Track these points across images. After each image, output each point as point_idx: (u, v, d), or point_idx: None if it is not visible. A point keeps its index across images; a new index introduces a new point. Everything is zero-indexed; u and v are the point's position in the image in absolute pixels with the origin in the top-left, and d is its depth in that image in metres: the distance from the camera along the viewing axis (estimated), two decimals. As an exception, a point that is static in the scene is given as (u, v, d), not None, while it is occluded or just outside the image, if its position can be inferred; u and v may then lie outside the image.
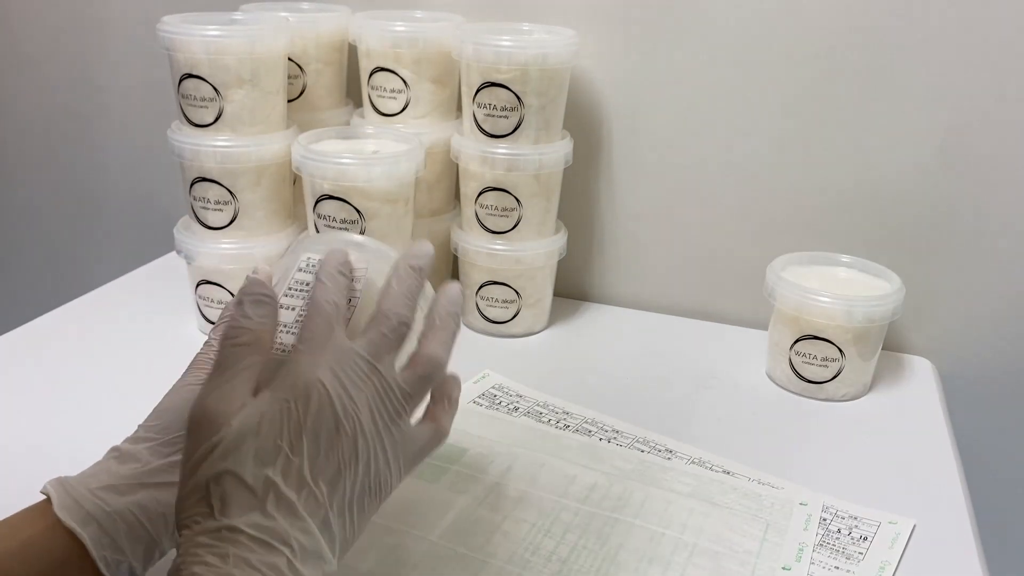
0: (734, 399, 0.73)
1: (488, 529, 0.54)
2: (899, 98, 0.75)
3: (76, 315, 0.83)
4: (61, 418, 0.66)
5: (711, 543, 0.54)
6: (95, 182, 1.11)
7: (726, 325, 0.86)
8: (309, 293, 0.43)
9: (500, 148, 0.75)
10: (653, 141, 0.83)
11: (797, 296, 0.71)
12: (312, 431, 0.38)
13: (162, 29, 0.71)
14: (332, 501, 0.38)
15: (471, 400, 0.70)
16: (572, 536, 0.54)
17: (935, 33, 0.73)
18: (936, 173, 0.74)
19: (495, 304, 0.81)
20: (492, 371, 0.74)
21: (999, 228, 0.77)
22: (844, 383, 0.73)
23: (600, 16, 0.81)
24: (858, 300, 0.70)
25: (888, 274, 0.74)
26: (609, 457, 0.62)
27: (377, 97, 0.80)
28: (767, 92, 0.79)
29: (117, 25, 1.00)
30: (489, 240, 0.79)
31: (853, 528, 0.56)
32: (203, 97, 0.72)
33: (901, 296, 0.71)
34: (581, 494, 0.58)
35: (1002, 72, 0.72)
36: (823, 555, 0.53)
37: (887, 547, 0.54)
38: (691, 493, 0.59)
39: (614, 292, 0.90)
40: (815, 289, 0.71)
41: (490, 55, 0.72)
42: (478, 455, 0.62)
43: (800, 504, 0.58)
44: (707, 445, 0.65)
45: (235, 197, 0.75)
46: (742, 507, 0.57)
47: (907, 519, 0.57)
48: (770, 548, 0.53)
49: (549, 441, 0.64)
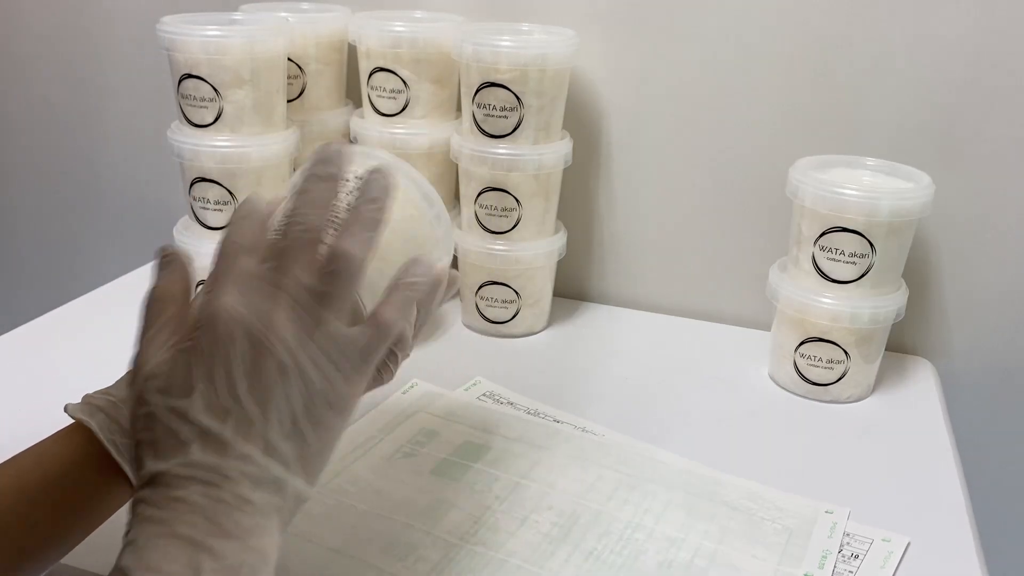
0: (737, 401, 0.73)
1: (508, 528, 0.54)
2: (899, 98, 0.75)
3: (76, 315, 0.83)
4: (61, 418, 0.66)
5: (731, 550, 0.54)
6: (95, 182, 1.10)
7: (726, 325, 0.86)
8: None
9: (500, 148, 0.75)
10: (653, 141, 0.83)
11: (800, 298, 0.71)
12: (223, 356, 0.37)
13: (162, 29, 0.71)
14: (268, 419, 0.36)
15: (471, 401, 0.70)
16: (591, 539, 0.54)
17: (934, 33, 0.73)
18: (936, 174, 0.73)
19: (495, 304, 0.81)
20: (483, 378, 0.73)
21: (999, 228, 0.77)
22: (849, 385, 0.73)
23: (600, 16, 0.81)
24: (863, 301, 0.70)
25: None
26: (620, 461, 0.62)
27: (377, 97, 0.80)
28: (767, 92, 0.79)
29: (117, 25, 1.00)
30: (489, 240, 0.79)
31: (845, 545, 0.55)
32: (203, 97, 0.72)
33: (904, 297, 0.71)
34: (602, 497, 0.58)
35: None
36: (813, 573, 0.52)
37: (878, 567, 0.53)
38: (708, 498, 0.59)
39: (614, 292, 0.90)
40: (818, 290, 0.71)
41: (490, 55, 0.72)
42: (502, 453, 0.62)
43: (796, 519, 0.58)
44: (708, 446, 0.65)
45: (235, 197, 0.74)
46: (747, 519, 0.57)
47: (901, 536, 0.56)
48: (759, 564, 0.53)
49: (571, 443, 0.64)
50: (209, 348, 0.37)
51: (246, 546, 0.34)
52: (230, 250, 0.40)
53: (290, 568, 0.50)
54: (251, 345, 0.37)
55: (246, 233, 0.41)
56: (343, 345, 0.39)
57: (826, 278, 0.70)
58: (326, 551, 0.52)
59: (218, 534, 0.34)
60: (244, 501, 0.35)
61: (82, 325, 0.81)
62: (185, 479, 0.35)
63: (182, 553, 0.33)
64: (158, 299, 0.41)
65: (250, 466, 0.36)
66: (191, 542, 0.33)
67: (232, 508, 0.35)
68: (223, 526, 0.34)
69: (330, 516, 0.55)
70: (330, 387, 0.38)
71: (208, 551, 0.33)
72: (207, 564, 0.33)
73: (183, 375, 0.37)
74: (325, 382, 0.38)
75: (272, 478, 0.36)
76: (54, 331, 0.80)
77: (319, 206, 0.41)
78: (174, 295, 0.42)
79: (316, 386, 0.38)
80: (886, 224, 0.67)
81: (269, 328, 0.37)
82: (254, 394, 0.36)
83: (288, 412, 0.37)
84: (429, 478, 0.59)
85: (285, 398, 0.37)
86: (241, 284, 0.38)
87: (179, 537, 0.33)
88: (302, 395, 0.38)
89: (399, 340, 0.43)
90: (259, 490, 0.36)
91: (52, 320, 0.82)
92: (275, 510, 0.36)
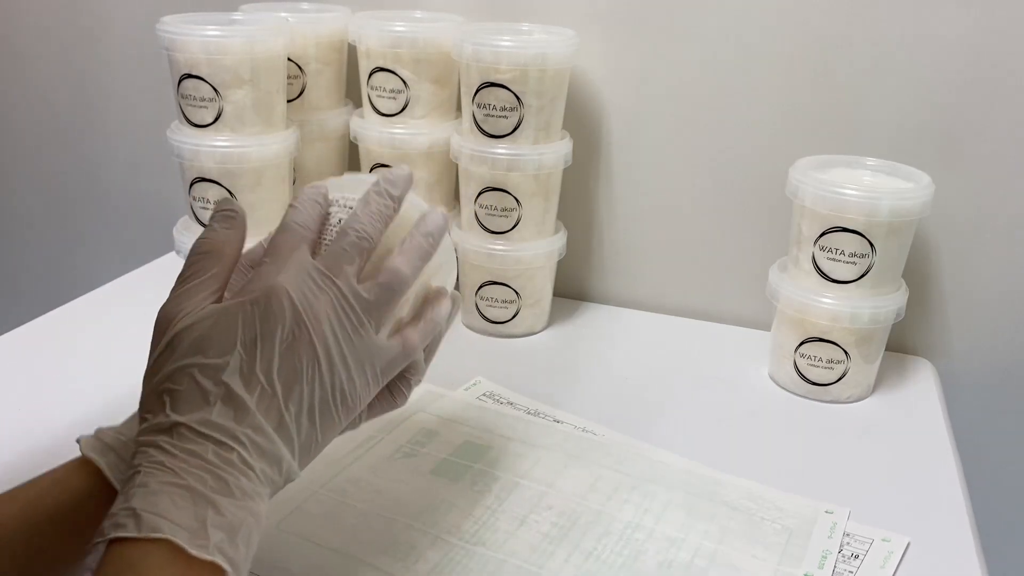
0: (737, 401, 0.73)
1: (508, 528, 0.54)
2: (899, 98, 0.75)
3: (76, 315, 0.83)
4: (61, 418, 0.66)
5: (731, 550, 0.54)
6: (95, 182, 1.10)
7: (726, 325, 0.86)
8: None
9: (499, 148, 0.75)
10: (653, 141, 0.83)
11: (800, 298, 0.71)
12: (268, 332, 0.39)
13: (161, 29, 0.71)
14: (288, 402, 0.39)
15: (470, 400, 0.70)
16: (591, 539, 0.54)
17: (934, 33, 0.73)
18: (936, 174, 0.73)
19: (495, 304, 0.81)
20: (483, 378, 0.73)
21: (999, 228, 0.77)
22: (849, 385, 0.73)
23: (600, 16, 0.81)
24: (863, 301, 0.70)
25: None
26: (622, 461, 0.62)
27: (377, 97, 0.80)
28: (767, 92, 0.79)
29: (116, 25, 1.00)
30: (489, 240, 0.79)
31: (844, 545, 0.55)
32: (203, 97, 0.72)
33: (904, 297, 0.71)
34: (602, 497, 0.58)
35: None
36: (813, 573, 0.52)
37: (878, 567, 0.53)
38: (709, 498, 0.59)
39: (614, 292, 0.90)
40: (818, 290, 0.71)
41: (489, 55, 0.72)
42: (502, 453, 0.62)
43: (796, 519, 0.58)
44: (708, 446, 0.65)
45: (235, 197, 0.74)
46: (747, 519, 0.57)
47: (901, 536, 0.56)
48: (759, 564, 0.53)
49: (571, 442, 0.64)
50: (258, 318, 0.39)
51: (246, 507, 0.37)
52: (294, 232, 0.43)
53: (290, 568, 0.50)
54: (296, 329, 0.40)
55: (309, 218, 0.44)
56: (374, 352, 0.43)
57: (826, 278, 0.70)
58: (326, 551, 0.52)
59: (224, 492, 0.36)
60: (248, 467, 0.37)
61: (82, 325, 0.81)
62: (201, 436, 0.37)
63: (191, 504, 0.35)
64: (207, 252, 0.43)
65: (260, 437, 0.38)
66: (200, 495, 0.35)
67: (238, 471, 0.37)
68: (228, 486, 0.36)
69: (330, 516, 0.55)
70: (350, 386, 0.42)
71: (213, 506, 0.36)
72: (212, 518, 0.35)
73: (224, 336, 0.39)
74: (348, 382, 0.41)
75: (275, 453, 0.39)
76: (54, 331, 0.80)
77: (379, 220, 0.44)
78: (224, 253, 0.43)
79: (339, 383, 0.41)
80: (886, 224, 0.67)
81: (316, 319, 0.40)
82: (283, 374, 0.39)
83: (307, 400, 0.40)
84: (429, 478, 0.59)
85: (309, 386, 0.40)
86: (299, 270, 0.41)
87: (189, 489, 0.36)
88: (324, 387, 0.40)
89: (414, 365, 0.47)
90: (262, 461, 0.38)
91: (52, 320, 0.82)
92: (269, 482, 0.39)
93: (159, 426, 0.37)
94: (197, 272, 0.42)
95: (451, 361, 0.77)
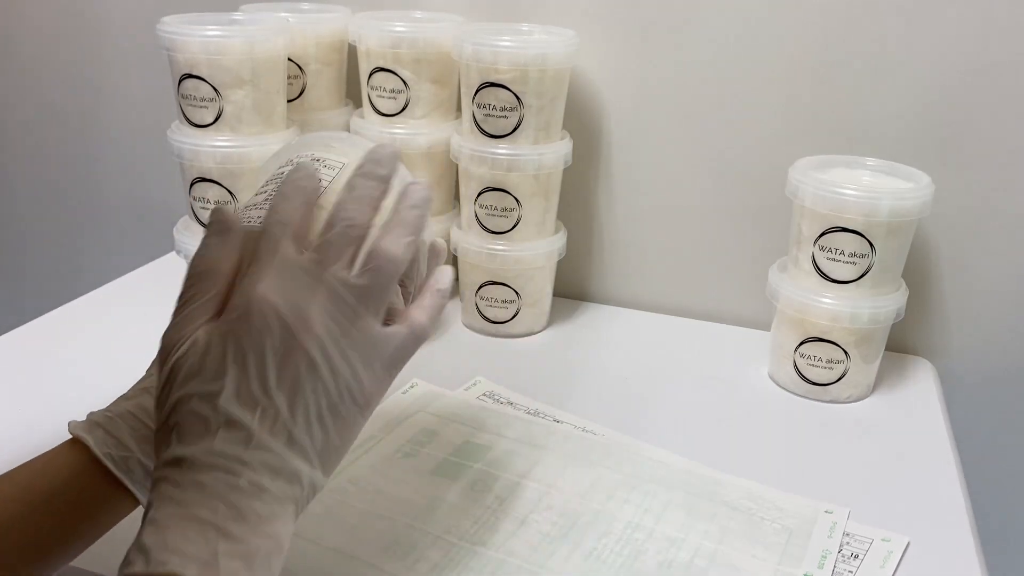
0: (737, 401, 0.73)
1: (508, 528, 0.54)
2: (899, 98, 0.75)
3: (76, 315, 0.83)
4: (61, 418, 0.66)
5: (731, 550, 0.54)
6: (95, 182, 1.11)
7: (726, 325, 0.86)
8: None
9: (499, 148, 0.75)
10: (653, 141, 0.83)
11: (800, 298, 0.71)
12: (257, 346, 0.37)
13: (162, 29, 0.71)
14: (295, 415, 0.37)
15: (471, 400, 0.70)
16: (591, 538, 0.54)
17: (934, 33, 0.73)
18: (936, 174, 0.73)
19: (495, 304, 0.81)
20: (483, 378, 0.73)
21: (999, 228, 0.77)
22: (848, 385, 0.73)
23: (600, 16, 0.81)
24: (863, 301, 0.70)
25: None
26: (621, 462, 0.62)
27: (377, 97, 0.80)
28: (767, 92, 0.79)
29: (117, 25, 1.00)
30: (489, 240, 0.79)
31: (844, 545, 0.55)
32: (203, 97, 0.72)
33: (904, 297, 0.71)
34: (602, 497, 0.58)
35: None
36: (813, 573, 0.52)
37: (878, 567, 0.53)
38: (709, 498, 0.59)
39: (614, 292, 0.90)
40: (818, 290, 0.71)
41: (489, 55, 0.72)
42: (503, 453, 0.62)
43: (796, 519, 0.58)
44: (708, 446, 0.65)
45: (235, 197, 0.74)
46: (747, 519, 0.57)
47: (901, 536, 0.56)
48: (759, 564, 0.53)
49: (571, 442, 0.64)
50: (244, 336, 0.37)
51: (261, 532, 0.35)
52: (275, 231, 0.40)
53: (290, 568, 0.50)
54: (285, 338, 0.37)
55: (292, 212, 0.41)
56: (377, 344, 0.40)
57: (826, 278, 0.70)
58: (326, 551, 0.52)
59: (236, 519, 0.35)
60: (261, 489, 0.36)
61: (83, 325, 0.81)
62: (207, 466, 0.36)
63: (201, 536, 0.34)
64: (203, 273, 0.40)
65: (271, 457, 0.37)
66: (210, 526, 0.34)
67: (249, 496, 0.36)
68: (241, 512, 0.35)
69: (330, 516, 0.55)
70: (358, 385, 0.39)
71: (226, 535, 0.34)
72: (224, 547, 0.34)
73: (216, 360, 0.37)
74: (354, 379, 0.39)
75: (291, 469, 0.37)
76: (55, 331, 0.80)
77: (367, 205, 0.41)
78: (220, 271, 0.40)
79: (345, 383, 0.39)
80: (886, 224, 0.67)
81: (305, 323, 0.38)
82: (283, 387, 0.37)
83: (315, 407, 0.38)
84: (429, 478, 0.59)
85: (313, 393, 0.38)
86: (282, 272, 0.38)
87: (199, 520, 0.34)
88: (330, 391, 0.38)
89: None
90: (277, 480, 0.37)
91: (53, 320, 0.82)
92: (290, 499, 0.37)
93: (168, 460, 0.36)
94: (195, 296, 0.39)
95: (451, 361, 0.78)
